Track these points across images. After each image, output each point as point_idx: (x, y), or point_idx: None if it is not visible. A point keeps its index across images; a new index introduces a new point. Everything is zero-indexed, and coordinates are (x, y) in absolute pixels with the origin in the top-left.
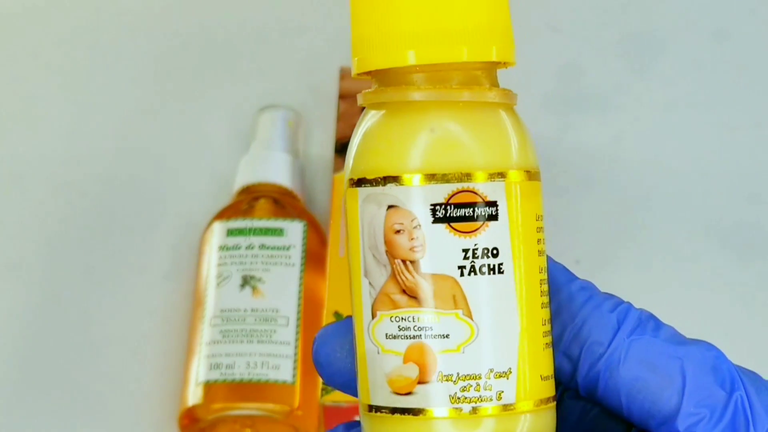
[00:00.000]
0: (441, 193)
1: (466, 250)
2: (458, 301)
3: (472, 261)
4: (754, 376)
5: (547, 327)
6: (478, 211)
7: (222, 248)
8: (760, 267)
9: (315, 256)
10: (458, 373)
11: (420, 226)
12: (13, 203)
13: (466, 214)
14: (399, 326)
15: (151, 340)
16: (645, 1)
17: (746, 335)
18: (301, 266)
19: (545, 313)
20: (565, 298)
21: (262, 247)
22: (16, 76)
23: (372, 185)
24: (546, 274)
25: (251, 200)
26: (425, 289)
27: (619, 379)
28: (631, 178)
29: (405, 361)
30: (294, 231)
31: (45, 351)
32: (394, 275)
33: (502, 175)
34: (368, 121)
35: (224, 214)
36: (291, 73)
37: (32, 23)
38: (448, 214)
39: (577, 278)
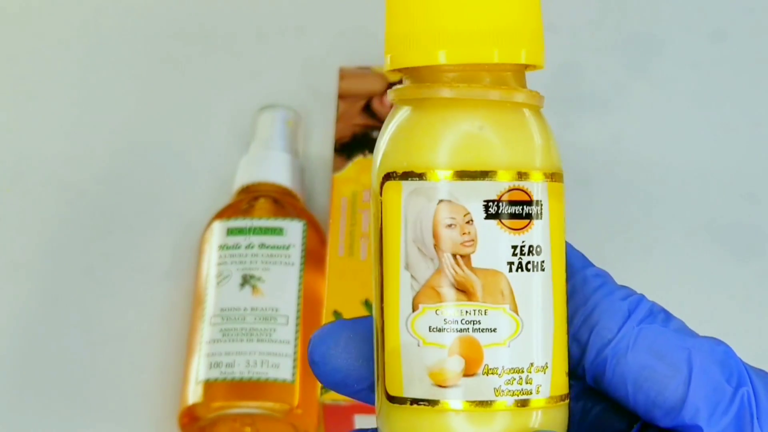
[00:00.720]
0: (494, 190)
1: (515, 247)
2: (506, 296)
3: (520, 257)
4: (761, 373)
5: (568, 325)
6: (527, 209)
7: (222, 247)
8: (757, 266)
9: (314, 256)
10: (503, 367)
11: (472, 221)
12: (13, 203)
13: (517, 212)
14: (445, 319)
15: (151, 338)
16: (643, 1)
17: (744, 333)
18: (301, 265)
19: (567, 310)
20: (579, 283)
21: (262, 246)
22: (16, 77)
23: (420, 179)
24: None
25: (251, 200)
26: (475, 283)
27: (626, 366)
28: (629, 177)
29: (450, 354)
30: (293, 230)
31: (45, 350)
32: (442, 268)
33: (547, 175)
34: (405, 116)
35: (224, 213)
36: (291, 73)
37: (32, 23)
38: (500, 211)
39: (593, 265)
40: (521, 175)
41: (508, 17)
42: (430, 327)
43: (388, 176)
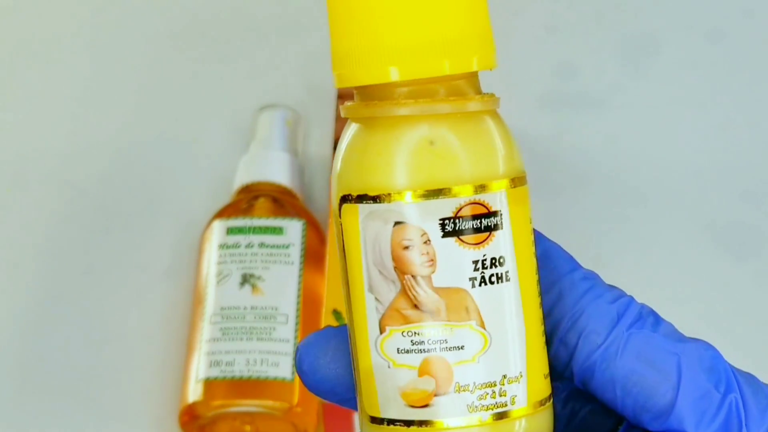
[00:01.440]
0: (448, 207)
1: (476, 262)
2: (471, 312)
3: (482, 271)
4: (750, 378)
5: (543, 326)
6: (485, 222)
7: (222, 246)
8: (754, 265)
9: (314, 255)
10: (474, 383)
11: (430, 241)
12: (13, 202)
13: (475, 226)
14: (412, 341)
15: (152, 337)
16: (640, 1)
17: (740, 333)
18: (300, 264)
19: (541, 313)
20: (567, 286)
21: (262, 245)
22: (16, 76)
23: (375, 202)
24: (538, 274)
25: (251, 199)
26: (438, 303)
27: (615, 371)
28: (626, 176)
29: (420, 374)
30: (293, 229)
31: (46, 349)
32: (404, 290)
33: (500, 184)
34: (355, 134)
35: (224, 212)
36: (290, 72)
37: (32, 23)
38: (456, 228)
39: (581, 267)
40: (477, 188)
41: (454, 26)
42: (398, 349)
43: (344, 199)
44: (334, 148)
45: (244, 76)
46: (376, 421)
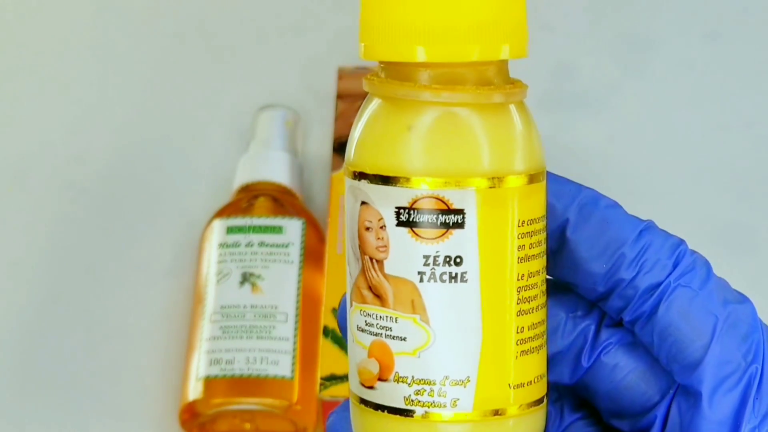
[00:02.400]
0: (405, 197)
1: (427, 257)
2: (416, 306)
3: (433, 268)
4: None
5: (528, 334)
6: (442, 218)
7: (222, 245)
8: (750, 265)
9: (313, 254)
10: (413, 377)
11: (385, 227)
12: (15, 201)
13: (429, 221)
14: (366, 321)
15: (152, 335)
16: (637, 2)
17: None
18: (300, 263)
19: (525, 320)
20: (628, 250)
21: (262, 244)
22: (17, 75)
23: (353, 178)
24: (536, 278)
25: (251, 198)
26: (387, 289)
27: (656, 320)
28: (623, 176)
29: (369, 355)
30: (293, 229)
31: (47, 347)
32: (363, 270)
33: (472, 182)
34: (364, 109)
35: (224, 212)
36: (290, 73)
37: (33, 22)
38: (410, 219)
39: (637, 224)
40: (440, 183)
41: (487, 12)
42: (357, 325)
43: (345, 168)
44: (334, 148)
45: (244, 77)
46: (351, 393)
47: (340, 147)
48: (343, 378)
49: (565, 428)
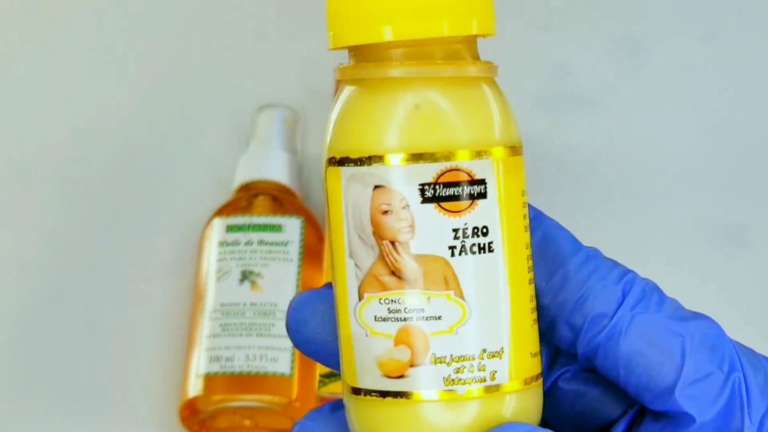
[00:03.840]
0: (429, 172)
1: (456, 230)
2: (449, 282)
3: (463, 240)
4: (752, 355)
5: (534, 303)
6: (467, 189)
7: (222, 244)
8: (745, 262)
9: (312, 252)
10: (451, 355)
11: (408, 206)
12: (17, 200)
13: (455, 193)
14: (389, 309)
15: (153, 333)
16: (633, 3)
17: (732, 330)
18: (299, 261)
19: (532, 290)
20: (572, 269)
21: (261, 242)
22: (19, 75)
23: (356, 165)
24: (531, 249)
25: (250, 197)
26: (415, 270)
27: (618, 351)
28: (620, 175)
29: (396, 344)
30: (292, 227)
31: (49, 344)
32: (382, 257)
33: (488, 152)
34: (346, 97)
35: (224, 210)
36: (289, 73)
37: (33, 23)
38: (436, 194)
39: (582, 247)
40: (461, 155)
41: None
42: (375, 317)
43: (329, 162)
44: None
45: (244, 77)
46: (354, 391)
47: None
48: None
49: None
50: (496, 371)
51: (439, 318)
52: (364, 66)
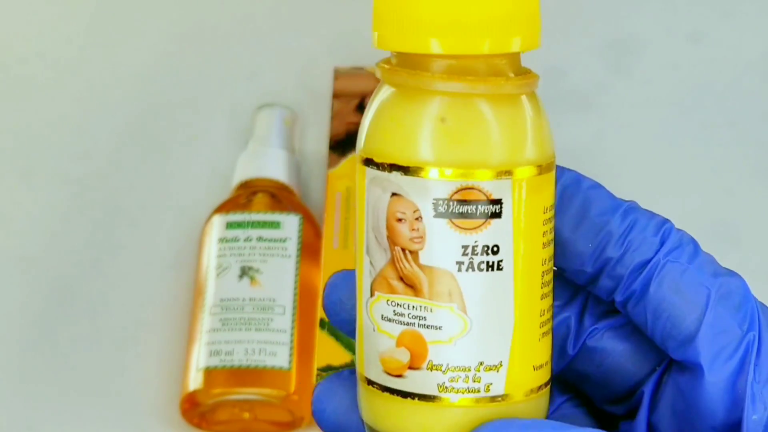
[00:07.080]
0: (445, 188)
1: (465, 247)
2: (453, 296)
3: (471, 258)
4: None
5: (546, 316)
6: (481, 208)
7: (221, 240)
8: (736, 260)
9: (310, 248)
10: (448, 364)
11: (421, 218)
12: (20, 197)
13: (469, 212)
14: (394, 311)
15: (154, 328)
16: (625, 5)
17: None
18: (297, 257)
19: (545, 304)
20: (614, 227)
21: (260, 239)
22: (20, 73)
23: (378, 169)
24: (551, 262)
25: (249, 194)
26: (422, 280)
27: (648, 297)
28: (611, 175)
29: (398, 345)
30: (290, 224)
31: (51, 338)
32: (393, 261)
33: (509, 172)
34: (383, 98)
35: (224, 207)
36: (288, 73)
37: (35, 21)
38: (450, 210)
39: (622, 203)
40: (478, 174)
41: (499, 5)
42: (382, 315)
43: (359, 158)
44: (330, 145)
45: (243, 77)
46: (362, 379)
47: (336, 145)
48: (339, 369)
49: (554, 409)
50: (491, 383)
51: (440, 328)
52: (400, 72)
